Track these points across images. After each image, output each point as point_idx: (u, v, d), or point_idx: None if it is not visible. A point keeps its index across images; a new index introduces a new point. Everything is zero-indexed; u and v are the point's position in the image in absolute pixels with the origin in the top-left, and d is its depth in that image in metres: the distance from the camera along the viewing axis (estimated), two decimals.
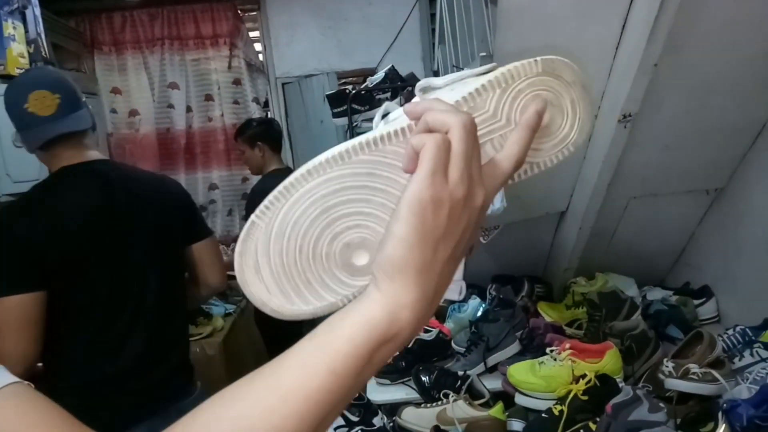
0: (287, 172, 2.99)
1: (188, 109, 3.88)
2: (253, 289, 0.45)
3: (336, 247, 0.46)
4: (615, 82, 1.40)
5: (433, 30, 3.89)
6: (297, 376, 0.41)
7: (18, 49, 2.62)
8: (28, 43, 2.72)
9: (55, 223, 1.30)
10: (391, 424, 1.52)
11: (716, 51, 1.34)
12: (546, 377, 1.47)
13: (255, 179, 3.57)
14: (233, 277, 0.48)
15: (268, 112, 4.01)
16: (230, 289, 3.24)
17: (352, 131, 2.26)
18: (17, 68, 2.58)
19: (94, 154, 1.42)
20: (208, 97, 3.90)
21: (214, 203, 3.99)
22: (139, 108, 3.82)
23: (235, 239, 4.01)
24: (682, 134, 1.55)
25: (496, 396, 1.56)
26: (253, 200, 2.74)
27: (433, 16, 3.94)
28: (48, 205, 1.31)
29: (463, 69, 0.54)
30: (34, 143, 1.35)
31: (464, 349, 1.74)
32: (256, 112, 3.88)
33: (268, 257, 0.45)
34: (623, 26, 1.29)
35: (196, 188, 3.96)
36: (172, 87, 3.85)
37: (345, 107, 2.25)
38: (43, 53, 2.87)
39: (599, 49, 1.36)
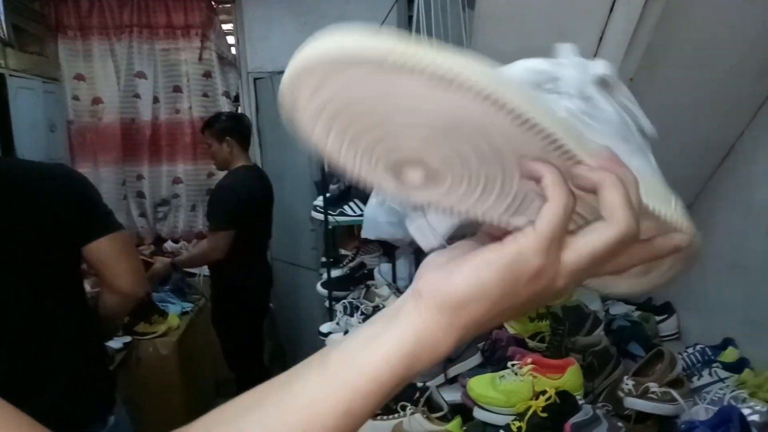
0: (255, 169, 2.92)
1: (155, 100, 3.76)
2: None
3: (402, 152, 0.36)
4: None
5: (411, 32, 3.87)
6: (306, 415, 0.35)
7: None
8: None
9: None
10: None
11: (691, 69, 1.33)
12: (506, 392, 1.44)
13: (221, 174, 3.49)
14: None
15: (239, 107, 3.92)
16: (189, 287, 3.15)
17: None
18: None
19: None
20: (177, 89, 3.79)
21: (177, 197, 3.88)
22: (103, 96, 3.68)
23: (197, 235, 3.92)
24: (655, 149, 1.54)
25: (455, 409, 1.52)
26: (218, 196, 2.66)
27: (411, 18, 3.92)
28: None
29: None
30: None
31: None
32: (225, 106, 3.78)
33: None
34: (600, 38, 1.27)
35: (160, 182, 3.84)
36: (139, 76, 3.72)
37: None
38: (2, 35, 2.75)
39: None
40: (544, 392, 1.35)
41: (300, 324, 3.55)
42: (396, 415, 1.44)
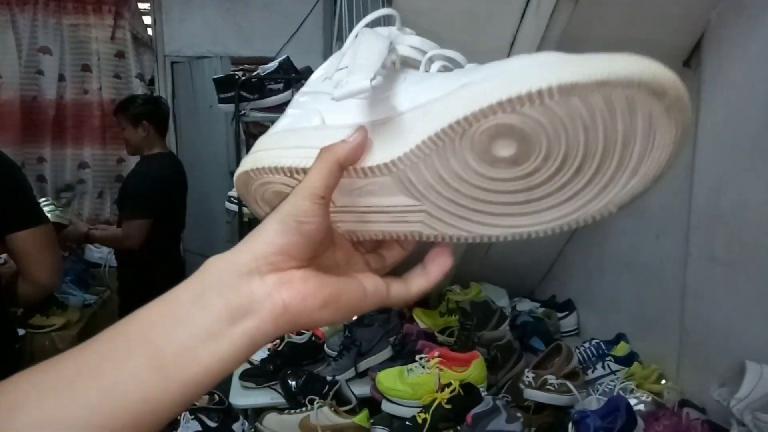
0: (170, 156, 2.79)
1: (61, 78, 3.51)
2: None
3: None
4: None
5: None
6: (140, 411, 0.33)
7: None
8: None
9: None
10: (252, 430, 1.44)
11: None
12: (413, 384, 1.46)
13: (132, 160, 3.31)
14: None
15: (153, 91, 3.73)
16: (93, 278, 2.97)
17: (238, 120, 2.15)
18: None
19: None
20: (86, 68, 3.56)
21: (83, 183, 3.65)
22: (1, 71, 3.40)
23: (104, 222, 3.71)
24: None
25: (364, 402, 1.53)
26: (133, 183, 2.50)
27: (335, 11, 3.90)
28: None
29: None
30: None
31: (336, 354, 1.70)
32: (139, 89, 3.60)
33: None
34: (513, 41, 1.32)
35: (64, 166, 3.59)
36: (43, 51, 3.46)
37: (233, 93, 2.13)
38: None
39: (490, 58, 1.37)
40: (449, 384, 1.39)
41: None
42: (303, 409, 1.43)
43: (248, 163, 0.42)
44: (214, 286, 0.35)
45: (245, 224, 2.52)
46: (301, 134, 0.41)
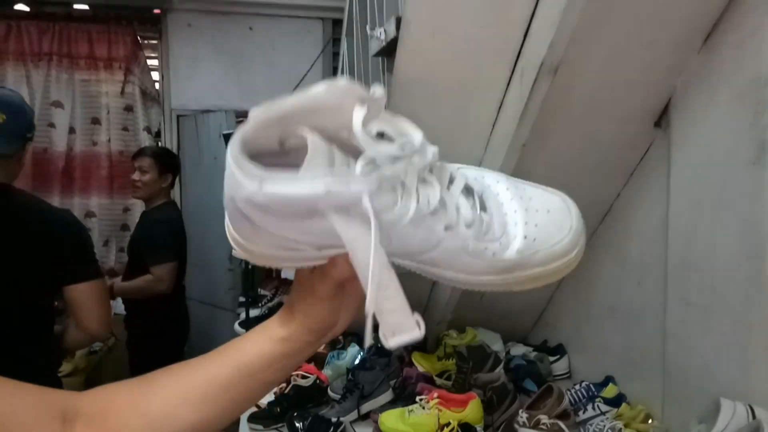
0: (176, 205, 2.91)
1: (71, 130, 3.67)
2: None
3: None
4: (490, 154, 1.57)
5: None
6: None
7: None
8: None
9: None
10: None
11: (574, 139, 1.55)
12: (414, 425, 1.54)
13: (136, 210, 3.42)
14: None
15: (159, 143, 3.89)
16: None
17: None
18: None
19: None
20: (95, 121, 3.72)
21: (89, 232, 3.75)
22: None
23: (109, 272, 3.80)
24: None
25: None
26: (158, 230, 2.54)
27: (335, 69, 4.11)
28: None
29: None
30: None
31: (339, 396, 1.78)
32: (146, 141, 3.76)
33: None
34: (499, 107, 1.47)
35: None
36: (55, 105, 3.64)
37: None
38: None
39: (479, 123, 1.52)
40: (448, 424, 1.47)
41: None
42: None
43: None
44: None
45: (249, 272, 2.62)
46: None
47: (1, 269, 1.38)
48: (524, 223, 0.47)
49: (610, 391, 1.79)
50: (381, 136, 0.42)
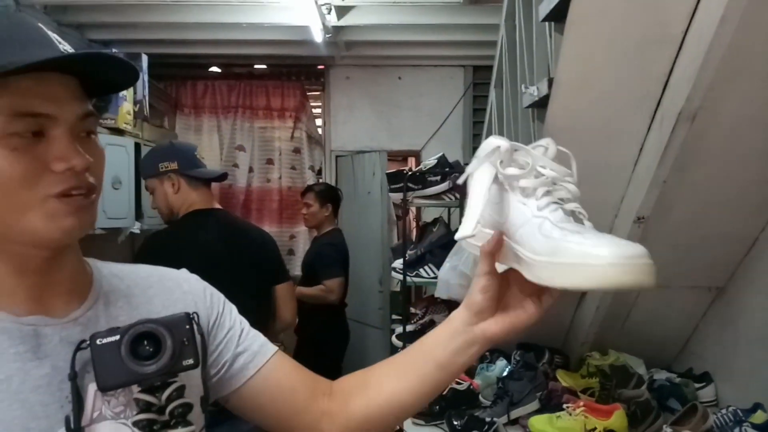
0: (341, 232, 3.39)
1: (250, 170, 4.35)
2: None
3: None
4: (632, 191, 1.76)
5: (475, 123, 4.36)
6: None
7: (127, 107, 3.10)
8: (135, 102, 3.21)
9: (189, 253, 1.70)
10: None
11: (714, 175, 1.69)
12: (562, 428, 1.73)
13: (302, 238, 3.95)
14: None
15: (320, 179, 4.45)
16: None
17: (406, 204, 2.64)
18: (124, 123, 3.06)
19: (215, 203, 1.86)
20: (269, 161, 4.37)
21: None
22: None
23: None
24: (688, 237, 1.88)
25: None
26: (327, 251, 3.08)
27: (476, 110, 4.43)
28: (183, 239, 1.73)
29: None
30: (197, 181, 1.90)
31: (490, 402, 2.02)
32: (311, 178, 4.32)
33: None
34: (640, 149, 1.66)
35: None
36: (239, 149, 4.34)
37: (401, 185, 2.64)
38: (145, 112, 3.37)
39: (621, 164, 1.72)
40: (594, 429, 1.66)
41: None
42: None
43: None
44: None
45: (406, 290, 2.96)
46: None
47: (245, 272, 1.85)
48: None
49: (759, 417, 1.84)
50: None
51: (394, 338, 2.78)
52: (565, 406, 1.80)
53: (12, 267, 0.63)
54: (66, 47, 0.61)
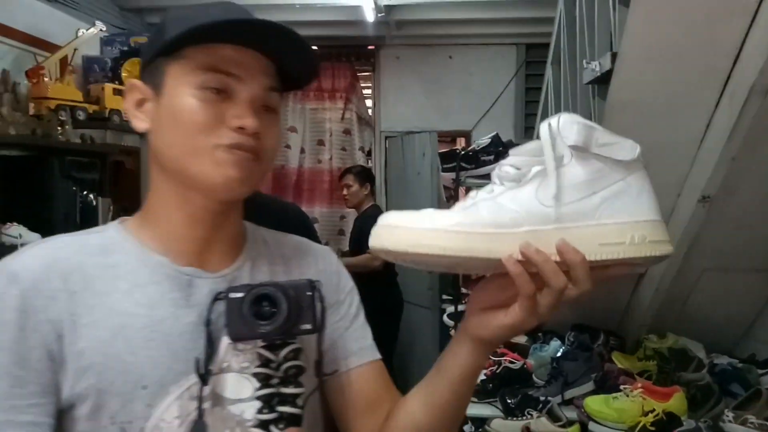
0: (380, 207, 3.48)
1: (302, 151, 4.42)
2: None
3: None
4: (697, 168, 1.70)
5: (527, 102, 4.29)
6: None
7: None
8: None
9: None
10: (480, 431, 1.81)
11: None
12: (618, 410, 1.72)
13: (352, 218, 4.03)
14: None
15: (370, 160, 4.48)
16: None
17: (458, 183, 2.64)
18: None
19: None
20: (320, 142, 4.43)
21: None
22: None
23: None
24: (753, 218, 1.81)
25: (570, 423, 1.81)
26: (369, 224, 3.17)
27: (528, 90, 4.35)
28: None
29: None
30: None
31: (544, 382, 2.02)
32: (360, 159, 4.36)
33: None
34: (707, 125, 1.61)
35: None
36: (291, 130, 4.41)
37: (454, 164, 2.64)
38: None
39: (686, 141, 1.67)
40: (652, 411, 1.63)
41: (412, 357, 3.91)
42: (523, 418, 1.76)
43: None
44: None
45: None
46: None
47: None
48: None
49: None
50: None
51: (445, 317, 2.80)
52: (622, 387, 1.78)
53: (187, 216, 0.71)
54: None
